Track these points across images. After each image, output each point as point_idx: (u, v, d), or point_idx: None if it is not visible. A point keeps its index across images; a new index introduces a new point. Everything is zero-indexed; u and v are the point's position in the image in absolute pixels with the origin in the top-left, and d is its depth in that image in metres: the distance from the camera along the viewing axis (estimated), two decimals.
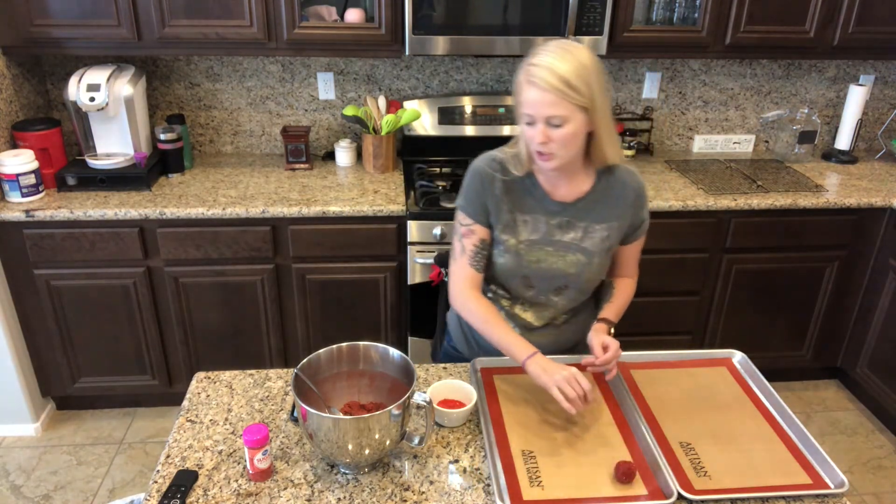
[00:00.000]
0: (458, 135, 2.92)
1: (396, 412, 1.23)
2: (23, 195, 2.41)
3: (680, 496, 1.24)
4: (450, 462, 1.34)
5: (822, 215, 2.67)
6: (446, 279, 1.74)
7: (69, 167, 2.57)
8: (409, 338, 2.69)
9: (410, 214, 2.48)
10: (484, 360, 1.62)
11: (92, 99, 2.45)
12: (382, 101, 2.79)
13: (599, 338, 1.53)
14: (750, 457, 1.36)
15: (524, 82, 1.41)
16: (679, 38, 2.65)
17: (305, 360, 1.34)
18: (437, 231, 2.49)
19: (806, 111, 3.05)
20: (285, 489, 1.27)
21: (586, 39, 2.52)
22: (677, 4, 2.67)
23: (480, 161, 1.59)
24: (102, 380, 2.71)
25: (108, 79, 2.49)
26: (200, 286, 2.55)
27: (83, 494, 2.44)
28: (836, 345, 2.98)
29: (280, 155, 3.01)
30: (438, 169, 2.84)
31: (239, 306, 2.60)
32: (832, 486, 1.29)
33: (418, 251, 2.52)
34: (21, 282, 2.50)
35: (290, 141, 2.79)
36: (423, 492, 1.27)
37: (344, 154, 2.88)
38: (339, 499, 1.25)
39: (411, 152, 2.94)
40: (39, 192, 2.47)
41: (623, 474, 1.28)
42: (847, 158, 3.05)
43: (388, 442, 1.26)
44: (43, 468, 2.56)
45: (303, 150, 2.80)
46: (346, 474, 1.30)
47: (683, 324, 2.84)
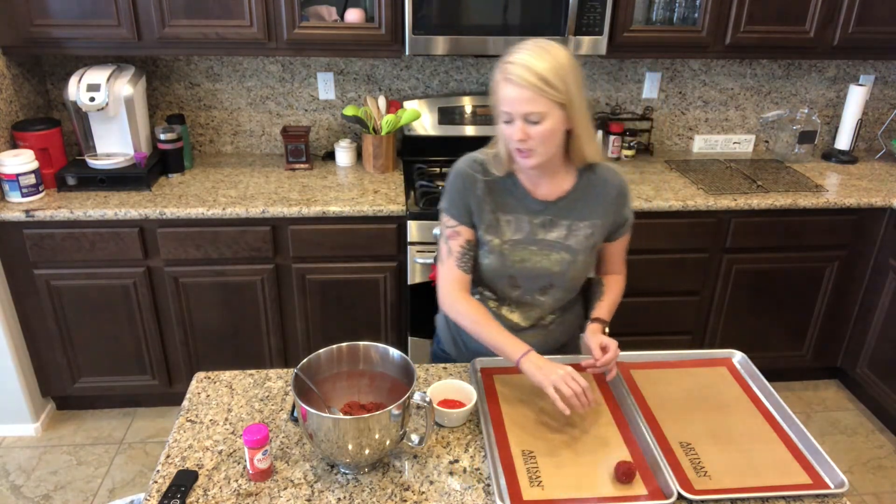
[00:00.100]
0: (458, 135, 2.91)
1: (396, 412, 1.23)
2: (23, 195, 2.41)
3: (680, 496, 1.24)
4: (450, 462, 1.34)
5: (822, 215, 2.67)
6: None
7: (69, 167, 2.57)
8: (409, 338, 2.69)
9: (410, 214, 2.48)
10: (484, 360, 1.62)
11: (92, 99, 2.45)
12: (382, 101, 2.79)
13: (597, 338, 1.53)
14: (750, 457, 1.36)
15: (501, 80, 1.42)
16: (679, 38, 2.65)
17: (305, 360, 1.34)
18: (438, 231, 2.49)
19: (806, 111, 3.05)
20: (285, 489, 1.27)
21: (586, 39, 2.52)
22: (677, 4, 2.67)
23: (462, 162, 1.59)
24: (102, 380, 2.71)
25: (108, 79, 2.49)
26: (200, 286, 2.55)
27: (83, 494, 2.44)
28: (836, 345, 2.98)
29: (280, 155, 3.01)
30: (438, 169, 2.84)
31: (239, 306, 2.60)
32: (832, 486, 1.29)
33: (418, 251, 2.52)
34: (21, 282, 2.50)
35: (290, 141, 2.79)
36: (423, 492, 1.27)
37: (344, 154, 2.88)
38: (339, 499, 1.25)
39: (411, 152, 2.94)
40: (39, 192, 2.47)
41: (623, 474, 1.28)
42: (847, 158, 3.05)
43: (388, 442, 1.26)
44: (43, 468, 2.56)
45: (303, 150, 2.80)
46: (346, 474, 1.30)
47: (683, 324, 2.84)
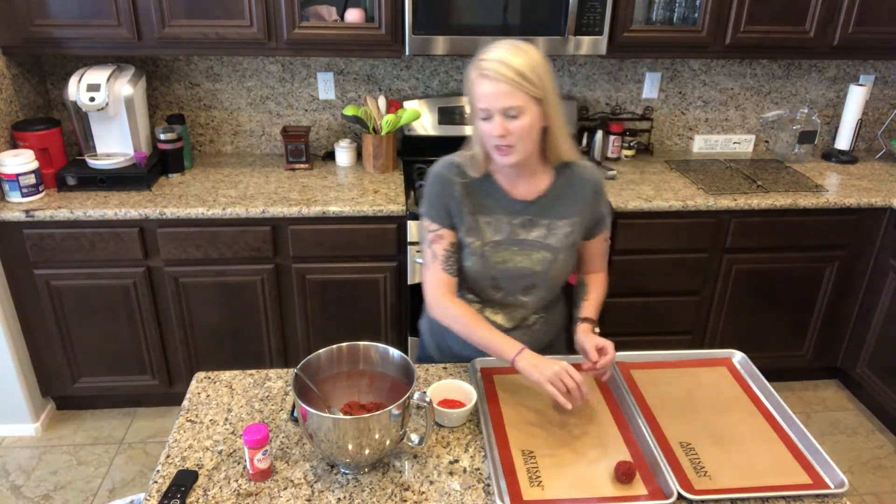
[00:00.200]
0: (458, 135, 2.91)
1: (396, 412, 1.23)
2: (23, 195, 2.41)
3: (680, 496, 1.24)
4: (450, 462, 1.34)
5: (822, 215, 2.67)
6: None
7: (69, 167, 2.57)
8: (409, 338, 2.69)
9: (410, 214, 2.48)
10: (484, 360, 1.62)
11: (92, 99, 2.45)
12: (382, 101, 2.79)
13: (591, 340, 1.52)
14: (750, 457, 1.36)
15: (477, 77, 1.41)
16: (679, 38, 2.65)
17: (305, 360, 1.34)
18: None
19: (806, 111, 3.05)
20: (285, 489, 1.27)
21: (586, 39, 2.53)
22: (677, 4, 2.67)
23: (438, 166, 1.58)
24: (102, 380, 2.71)
25: (108, 79, 2.49)
26: (200, 286, 2.55)
27: (83, 494, 2.44)
28: (836, 345, 2.98)
29: (280, 155, 3.01)
30: None
31: (239, 306, 2.60)
32: (832, 486, 1.29)
33: (418, 251, 2.52)
34: (21, 282, 2.50)
35: (290, 141, 2.79)
36: (423, 492, 1.27)
37: (344, 154, 2.88)
38: (339, 499, 1.25)
39: (411, 152, 2.94)
40: (39, 192, 2.47)
41: (623, 474, 1.28)
42: (847, 158, 3.05)
43: (388, 442, 1.26)
44: (43, 468, 2.56)
45: (303, 150, 2.80)
46: (346, 474, 1.30)
47: (683, 324, 2.84)
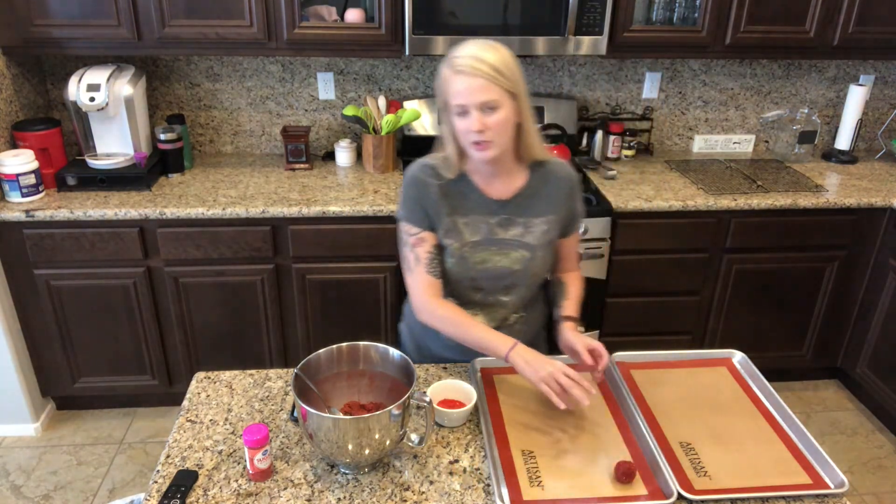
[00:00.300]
0: None
1: (396, 412, 1.23)
2: (23, 195, 2.41)
3: (680, 496, 1.24)
4: (450, 462, 1.34)
5: (822, 215, 2.67)
6: None
7: (69, 167, 2.57)
8: None
9: None
10: (484, 361, 1.62)
11: (92, 99, 2.45)
12: (382, 101, 2.79)
13: (581, 340, 1.51)
14: (750, 457, 1.36)
15: (451, 74, 1.41)
16: (679, 38, 2.65)
17: (305, 360, 1.34)
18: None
19: (806, 111, 3.05)
20: (285, 489, 1.27)
21: (586, 39, 2.52)
22: (677, 4, 2.67)
23: (413, 169, 1.58)
24: (102, 380, 2.71)
25: (108, 79, 2.49)
26: (200, 286, 2.55)
27: (83, 494, 2.44)
28: (836, 345, 2.98)
29: (280, 155, 3.01)
30: None
31: (239, 306, 2.60)
32: (832, 486, 1.29)
33: None
34: (21, 282, 2.50)
35: (290, 141, 2.79)
36: (423, 492, 1.27)
37: (344, 154, 2.88)
38: (339, 499, 1.25)
39: (411, 152, 2.93)
40: (39, 192, 2.47)
41: (623, 474, 1.28)
42: (847, 158, 3.05)
43: (388, 442, 1.26)
44: (43, 468, 2.56)
45: (303, 150, 2.80)
46: (346, 474, 1.30)
47: (683, 324, 2.84)
